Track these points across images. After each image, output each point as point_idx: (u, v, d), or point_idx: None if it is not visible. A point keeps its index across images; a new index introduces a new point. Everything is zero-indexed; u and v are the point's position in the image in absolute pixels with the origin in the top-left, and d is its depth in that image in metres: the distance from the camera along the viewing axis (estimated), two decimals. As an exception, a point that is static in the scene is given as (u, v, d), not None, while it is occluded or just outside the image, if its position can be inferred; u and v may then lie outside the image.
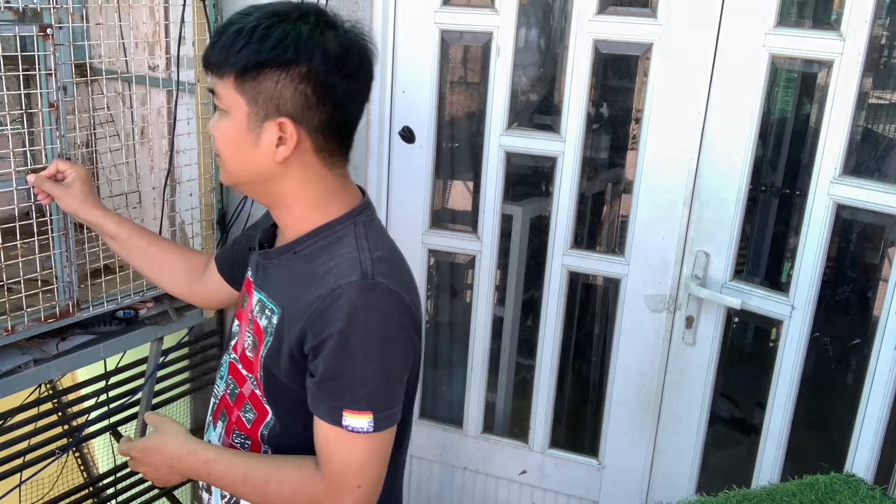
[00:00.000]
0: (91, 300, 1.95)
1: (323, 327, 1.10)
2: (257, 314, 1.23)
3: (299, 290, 1.15)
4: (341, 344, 1.09)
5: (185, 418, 2.74)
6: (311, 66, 1.09)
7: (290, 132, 1.12)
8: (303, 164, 1.16)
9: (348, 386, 1.11)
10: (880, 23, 1.78)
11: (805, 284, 1.90)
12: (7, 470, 2.05)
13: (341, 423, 1.11)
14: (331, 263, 1.14)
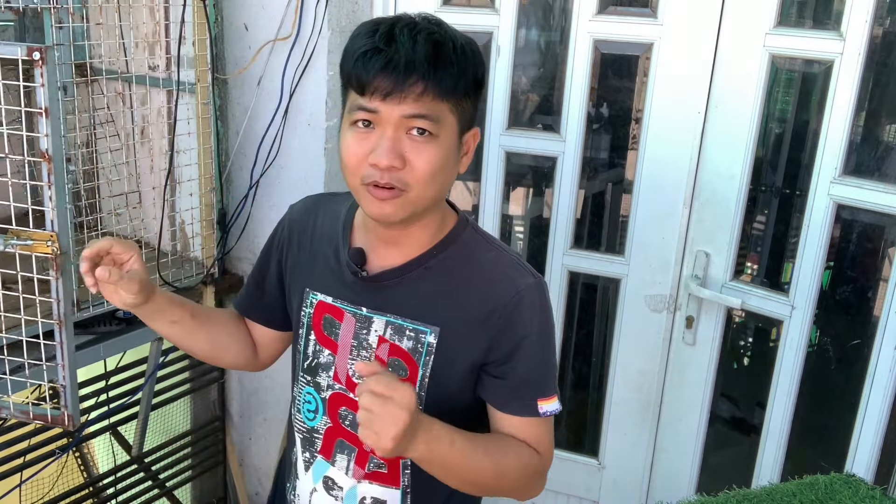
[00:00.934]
0: (91, 300, 1.95)
1: (519, 330, 1.13)
2: (392, 336, 1.16)
3: (460, 305, 1.14)
4: (539, 343, 1.15)
5: (186, 418, 2.74)
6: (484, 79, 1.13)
7: (474, 141, 1.14)
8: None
9: (545, 377, 1.17)
10: (880, 23, 1.78)
11: (805, 284, 1.90)
12: (7, 470, 2.05)
13: (539, 413, 1.16)
14: (487, 271, 1.15)
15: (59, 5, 1.75)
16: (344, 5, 2.15)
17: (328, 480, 1.26)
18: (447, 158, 1.08)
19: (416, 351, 1.16)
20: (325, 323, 1.23)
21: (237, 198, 2.35)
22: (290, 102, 2.20)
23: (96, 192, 2.16)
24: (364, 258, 1.18)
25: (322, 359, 1.24)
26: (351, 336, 1.20)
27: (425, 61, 1.03)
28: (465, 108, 1.09)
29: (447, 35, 1.09)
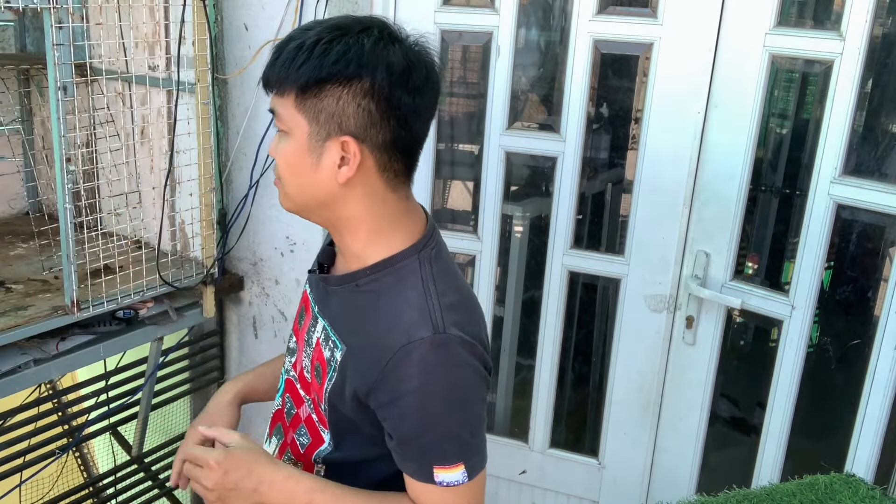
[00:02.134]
0: (91, 300, 1.95)
1: (396, 386, 1.05)
2: (322, 342, 1.17)
3: (365, 333, 1.10)
4: (419, 403, 1.05)
5: (186, 418, 2.74)
6: (374, 80, 1.02)
7: (352, 151, 1.05)
8: (366, 186, 1.08)
9: (435, 443, 1.08)
10: (880, 23, 1.78)
11: (805, 284, 1.90)
12: (7, 470, 2.05)
13: (434, 481, 1.08)
14: (398, 310, 1.08)
15: (59, 5, 1.75)
16: (344, 5, 2.15)
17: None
18: (296, 158, 1.08)
19: (329, 363, 1.14)
20: (301, 311, 1.27)
21: (237, 198, 2.35)
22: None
23: (96, 192, 2.16)
24: (334, 258, 1.21)
25: (291, 344, 1.28)
26: (306, 331, 1.22)
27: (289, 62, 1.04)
28: (318, 107, 1.04)
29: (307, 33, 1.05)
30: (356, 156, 1.05)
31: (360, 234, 1.12)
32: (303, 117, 1.05)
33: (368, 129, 1.05)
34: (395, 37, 1.07)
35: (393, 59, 1.04)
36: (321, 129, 1.05)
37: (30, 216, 2.52)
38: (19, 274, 2.14)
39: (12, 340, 1.82)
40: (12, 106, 2.49)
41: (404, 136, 1.08)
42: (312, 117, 1.05)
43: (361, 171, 1.07)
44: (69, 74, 1.79)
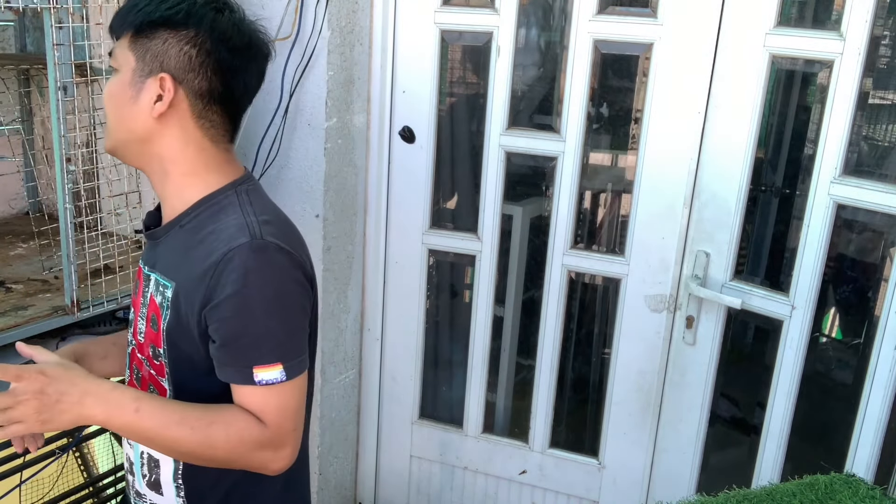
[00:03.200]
0: (91, 300, 1.95)
1: (220, 291, 1.11)
2: (154, 292, 1.23)
3: (189, 261, 1.17)
4: (240, 305, 1.11)
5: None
6: (198, 31, 1.17)
7: (167, 88, 1.16)
8: (182, 128, 1.19)
9: (254, 344, 1.13)
10: (880, 23, 1.78)
11: (805, 284, 1.90)
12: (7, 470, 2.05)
13: (254, 381, 1.13)
14: (218, 230, 1.16)
15: (59, 5, 1.74)
16: (344, 5, 2.15)
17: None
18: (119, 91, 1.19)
19: (163, 305, 1.20)
20: (135, 286, 1.33)
21: (237, 198, 2.35)
22: (290, 102, 2.20)
23: (96, 192, 2.16)
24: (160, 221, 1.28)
25: (130, 316, 1.34)
26: (140, 295, 1.28)
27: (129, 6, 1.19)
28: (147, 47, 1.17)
29: None
30: (170, 92, 1.16)
31: (175, 175, 1.21)
32: (132, 55, 1.18)
33: (187, 72, 1.17)
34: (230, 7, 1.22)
35: (220, 19, 1.18)
36: (145, 66, 1.17)
37: (30, 216, 2.52)
38: (19, 274, 2.14)
39: (12, 340, 1.82)
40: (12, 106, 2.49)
41: (221, 89, 1.20)
42: (140, 55, 1.17)
43: (177, 112, 1.18)
44: (69, 74, 1.79)
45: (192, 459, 1.17)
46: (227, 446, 1.13)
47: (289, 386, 1.15)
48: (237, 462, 1.16)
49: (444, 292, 2.59)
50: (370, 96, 2.27)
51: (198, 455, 1.14)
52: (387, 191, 2.33)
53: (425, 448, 2.50)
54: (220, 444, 1.13)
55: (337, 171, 2.26)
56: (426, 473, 2.54)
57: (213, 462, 1.16)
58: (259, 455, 1.15)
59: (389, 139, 2.29)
